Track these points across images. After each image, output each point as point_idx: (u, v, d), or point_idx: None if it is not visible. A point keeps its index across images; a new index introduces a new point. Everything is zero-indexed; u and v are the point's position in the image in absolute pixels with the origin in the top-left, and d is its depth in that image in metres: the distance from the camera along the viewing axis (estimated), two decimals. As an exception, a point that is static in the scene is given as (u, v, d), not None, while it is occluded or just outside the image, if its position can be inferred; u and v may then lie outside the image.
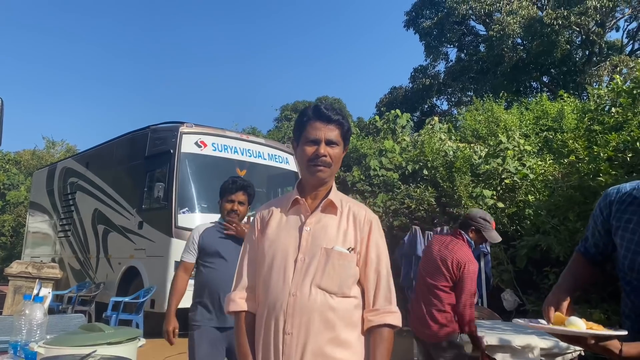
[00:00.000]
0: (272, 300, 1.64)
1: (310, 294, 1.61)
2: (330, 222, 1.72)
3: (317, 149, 1.67)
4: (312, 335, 1.60)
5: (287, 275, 1.65)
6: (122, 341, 2.15)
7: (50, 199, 11.55)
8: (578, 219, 6.31)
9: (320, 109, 1.71)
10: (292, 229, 1.72)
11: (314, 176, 1.70)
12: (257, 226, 1.79)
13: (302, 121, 1.72)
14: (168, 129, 8.25)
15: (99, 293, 8.58)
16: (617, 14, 20.20)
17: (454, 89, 23.59)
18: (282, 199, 1.83)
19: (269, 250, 1.71)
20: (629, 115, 6.43)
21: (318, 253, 1.65)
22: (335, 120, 1.70)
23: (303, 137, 1.71)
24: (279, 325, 1.61)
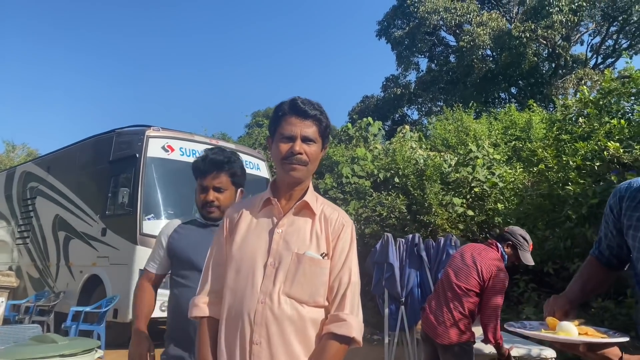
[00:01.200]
0: (239, 307, 1.51)
1: (280, 302, 1.49)
2: (304, 225, 1.59)
3: (292, 146, 1.55)
4: (282, 346, 1.48)
5: (255, 281, 1.52)
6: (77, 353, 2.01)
7: (8, 204, 11.09)
8: (547, 227, 6.37)
9: (296, 102, 1.58)
10: (262, 231, 1.59)
11: (288, 175, 1.57)
12: (225, 227, 1.66)
13: (277, 116, 1.60)
14: (134, 133, 8.01)
15: (59, 302, 8.23)
16: (581, 28, 20.88)
17: (424, 98, 23.93)
18: (253, 199, 1.69)
19: (237, 254, 1.58)
20: (596, 125, 6.54)
21: (288, 258, 1.53)
22: (312, 115, 1.57)
23: (278, 133, 1.58)
24: (245, 334, 1.48)
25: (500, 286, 3.36)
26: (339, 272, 1.57)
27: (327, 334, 1.50)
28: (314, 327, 1.52)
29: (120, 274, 7.24)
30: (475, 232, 8.16)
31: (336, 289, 1.55)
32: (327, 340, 1.50)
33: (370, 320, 9.36)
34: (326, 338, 1.50)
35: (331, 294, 1.56)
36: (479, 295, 3.40)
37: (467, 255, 3.54)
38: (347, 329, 1.50)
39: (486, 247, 3.57)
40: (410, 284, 6.23)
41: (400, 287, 6.20)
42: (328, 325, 1.51)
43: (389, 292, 6.32)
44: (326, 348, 1.49)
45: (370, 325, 9.06)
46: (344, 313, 1.52)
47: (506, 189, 8.15)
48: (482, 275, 3.37)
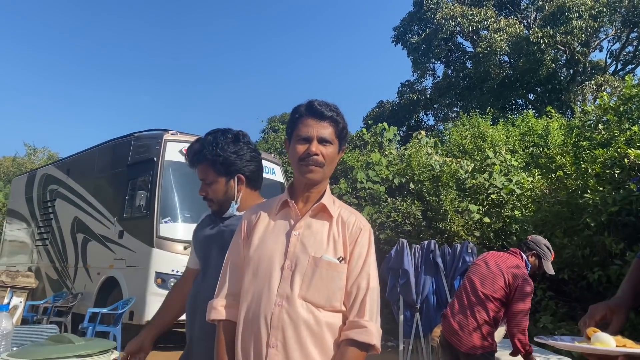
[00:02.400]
0: (256, 310, 1.50)
1: (296, 305, 1.48)
2: (321, 228, 1.58)
3: (309, 147, 1.56)
4: (298, 349, 1.46)
5: (272, 283, 1.51)
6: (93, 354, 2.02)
7: (28, 206, 11.27)
8: (565, 235, 6.28)
9: (313, 104, 1.59)
10: (280, 233, 1.59)
11: (305, 176, 1.57)
12: (243, 229, 1.66)
13: (294, 118, 1.62)
14: (152, 137, 8.10)
15: (76, 304, 8.33)
16: (601, 34, 20.61)
17: (440, 104, 23.81)
18: (271, 202, 1.70)
19: (254, 256, 1.57)
20: (616, 131, 6.45)
21: (305, 261, 1.52)
22: (329, 117, 1.58)
23: (295, 135, 1.59)
24: (261, 338, 1.47)
25: (527, 294, 3.32)
26: (357, 277, 1.55)
27: (346, 340, 1.49)
28: (331, 332, 1.51)
29: (137, 276, 7.30)
30: (491, 240, 8.07)
31: (354, 295, 1.54)
32: (346, 346, 1.48)
33: (384, 326, 9.28)
34: (345, 344, 1.49)
35: (349, 299, 1.54)
36: (504, 304, 3.37)
37: (491, 262, 3.51)
38: (367, 336, 1.49)
39: (509, 255, 3.55)
40: (425, 291, 6.19)
41: (416, 294, 6.16)
42: (348, 332, 1.50)
43: (404, 298, 6.28)
44: (346, 355, 1.47)
45: (384, 332, 9.00)
46: (364, 319, 1.51)
47: (523, 196, 8.06)
48: (509, 283, 3.35)
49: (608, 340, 1.26)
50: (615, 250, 5.39)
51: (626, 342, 1.25)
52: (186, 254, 7.14)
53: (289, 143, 1.64)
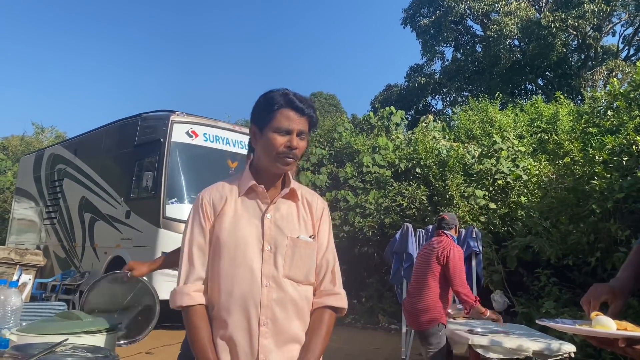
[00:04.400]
0: (242, 292, 1.55)
1: (282, 284, 1.59)
2: (290, 210, 1.68)
3: (290, 140, 1.60)
4: (286, 324, 1.58)
5: (254, 265, 1.58)
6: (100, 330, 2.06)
7: (37, 185, 11.36)
8: (570, 221, 6.27)
9: (293, 99, 1.62)
10: (251, 217, 1.63)
11: (281, 168, 1.64)
12: (206, 211, 1.64)
13: (272, 108, 1.62)
14: (159, 118, 8.11)
15: (84, 282, 8.44)
16: (614, 18, 20.29)
17: (449, 88, 23.62)
18: (230, 184, 1.70)
19: (229, 240, 1.59)
20: (625, 118, 6.39)
21: (284, 242, 1.61)
22: (307, 113, 1.64)
23: (272, 126, 1.61)
24: (251, 317, 1.54)
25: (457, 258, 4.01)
26: (324, 252, 1.70)
27: (324, 307, 1.65)
28: (308, 304, 1.64)
29: (143, 256, 7.36)
30: (497, 225, 8.07)
31: (325, 267, 1.69)
32: (324, 312, 1.65)
33: (388, 309, 9.38)
34: (322, 310, 1.65)
35: (320, 271, 1.68)
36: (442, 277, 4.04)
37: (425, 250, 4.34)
38: (342, 302, 1.68)
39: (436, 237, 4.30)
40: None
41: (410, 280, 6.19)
42: (324, 298, 1.66)
43: (408, 282, 6.31)
44: (324, 319, 1.63)
45: (388, 315, 9.08)
46: (336, 288, 1.69)
47: (530, 182, 8.02)
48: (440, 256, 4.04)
49: (609, 323, 1.26)
50: (621, 237, 5.37)
51: (627, 326, 1.25)
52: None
53: (258, 130, 1.65)
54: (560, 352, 3.60)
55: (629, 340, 1.21)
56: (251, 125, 1.69)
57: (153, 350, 5.84)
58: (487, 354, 3.53)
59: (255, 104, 1.69)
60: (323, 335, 1.62)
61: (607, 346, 1.28)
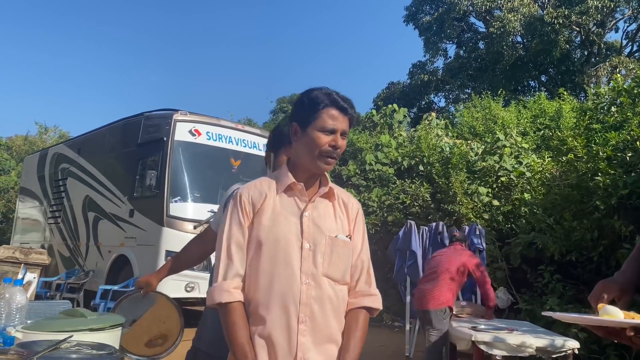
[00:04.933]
0: (281, 290, 1.56)
1: (321, 282, 1.60)
2: (327, 209, 1.69)
3: (335, 140, 1.61)
4: (324, 323, 1.58)
5: (294, 263, 1.58)
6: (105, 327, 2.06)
7: (40, 184, 11.40)
8: (574, 218, 6.25)
9: (337, 99, 1.63)
10: (289, 215, 1.63)
11: (323, 167, 1.64)
12: (245, 208, 1.64)
13: (317, 107, 1.62)
14: (162, 116, 8.12)
15: (88, 281, 8.47)
16: (617, 14, 20.19)
17: (452, 85, 23.56)
18: (269, 181, 1.70)
19: (268, 237, 1.59)
20: (629, 114, 6.36)
21: (323, 241, 1.62)
22: (349, 113, 1.65)
23: (316, 124, 1.61)
24: (291, 315, 1.55)
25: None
26: (359, 252, 1.71)
27: (360, 307, 1.66)
28: (343, 304, 1.65)
29: (147, 254, 7.39)
30: (500, 222, 8.05)
31: (360, 267, 1.70)
32: (360, 312, 1.66)
33: (391, 307, 9.37)
34: (358, 311, 1.66)
35: (355, 271, 1.69)
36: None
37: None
38: (378, 303, 1.70)
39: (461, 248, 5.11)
40: (432, 272, 6.23)
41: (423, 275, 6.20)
42: (361, 299, 1.67)
43: (411, 279, 6.32)
44: (361, 319, 1.65)
45: (391, 312, 9.08)
46: (372, 288, 1.71)
47: (533, 179, 8.00)
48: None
49: (616, 312, 1.26)
50: (625, 234, 5.36)
51: (634, 316, 1.25)
52: (196, 233, 7.20)
53: (301, 129, 1.64)
54: (564, 348, 3.61)
55: (637, 329, 1.20)
56: (292, 123, 1.68)
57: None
58: (490, 350, 3.53)
59: (297, 102, 1.70)
60: (360, 336, 1.63)
61: (614, 336, 1.27)
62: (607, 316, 1.26)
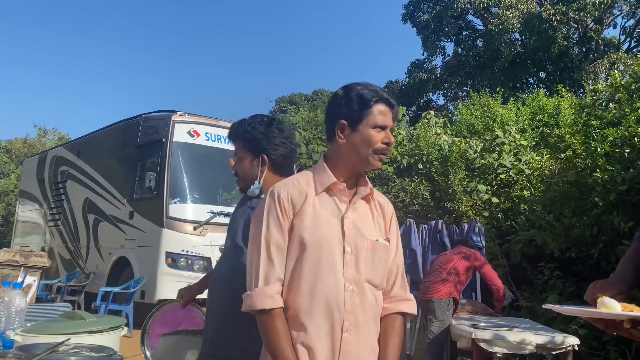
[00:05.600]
0: (325, 297, 1.47)
1: (364, 288, 1.53)
2: (365, 211, 1.62)
3: (387, 136, 1.56)
4: (366, 331, 1.52)
5: (337, 268, 1.49)
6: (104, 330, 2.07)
7: (40, 187, 11.41)
8: (573, 214, 6.25)
9: (384, 94, 1.58)
10: (330, 216, 1.54)
11: (376, 165, 1.57)
12: (284, 208, 1.52)
13: (368, 103, 1.55)
14: (160, 118, 8.13)
15: (89, 283, 8.48)
16: (615, 10, 20.19)
17: (450, 84, 23.58)
18: (307, 178, 1.59)
19: (310, 240, 1.49)
20: (627, 110, 6.35)
21: (364, 245, 1.54)
22: (396, 108, 1.61)
23: (368, 120, 1.54)
24: (335, 323, 1.47)
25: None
26: (395, 256, 1.66)
27: (398, 312, 1.61)
28: (380, 310, 1.60)
29: (148, 256, 7.40)
30: (500, 220, 8.06)
31: (395, 272, 1.64)
32: (397, 318, 1.61)
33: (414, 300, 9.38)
34: (396, 316, 1.61)
35: (391, 276, 1.64)
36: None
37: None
38: (413, 308, 1.66)
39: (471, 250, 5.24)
40: (432, 270, 6.25)
41: (423, 273, 6.21)
42: (397, 304, 1.62)
43: (411, 277, 6.33)
44: (397, 325, 1.61)
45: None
46: (407, 293, 1.67)
47: (533, 176, 8.00)
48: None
49: (614, 305, 1.26)
50: (624, 229, 5.36)
51: (633, 308, 1.25)
52: (196, 234, 7.22)
53: (350, 127, 1.55)
54: (564, 345, 3.61)
55: (635, 321, 1.21)
56: (337, 121, 1.57)
57: (158, 349, 5.86)
58: (491, 348, 3.53)
59: (340, 99, 1.59)
60: (398, 343, 1.58)
61: (613, 329, 1.28)
62: (605, 308, 1.26)
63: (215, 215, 7.25)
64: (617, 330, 1.27)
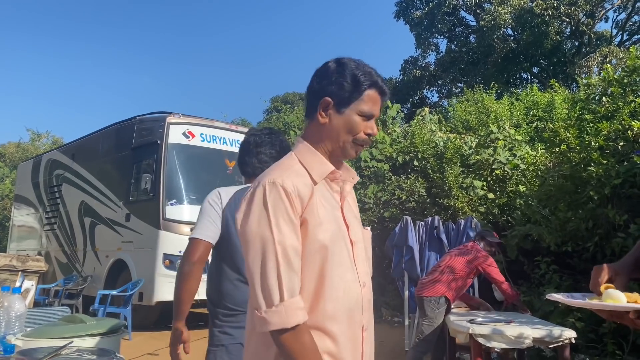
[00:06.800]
0: (347, 296, 1.34)
1: (370, 282, 1.44)
2: (350, 198, 1.50)
3: (371, 126, 1.40)
4: (372, 326, 1.46)
5: (349, 265, 1.37)
6: (104, 332, 2.08)
7: (35, 191, 11.37)
8: (569, 208, 6.28)
9: (378, 79, 1.41)
10: (332, 209, 1.38)
11: (351, 155, 1.42)
12: (293, 203, 1.28)
13: (361, 86, 1.37)
14: (155, 120, 8.13)
15: (86, 286, 8.47)
16: (606, 4, 20.28)
17: (444, 80, 23.63)
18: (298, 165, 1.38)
19: (326, 237, 1.32)
20: (620, 104, 6.39)
21: (362, 235, 1.45)
22: (386, 97, 1.44)
23: (357, 105, 1.37)
24: (356, 323, 1.36)
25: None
26: None
27: None
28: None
29: (145, 258, 7.40)
30: (496, 215, 8.09)
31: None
32: None
33: (390, 302, 9.41)
34: None
35: None
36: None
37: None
38: None
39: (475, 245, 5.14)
40: (430, 267, 6.26)
41: (420, 270, 6.23)
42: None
43: (409, 274, 6.35)
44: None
45: (390, 308, 9.11)
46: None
47: (528, 171, 8.04)
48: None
49: (619, 296, 1.26)
50: (619, 223, 5.39)
51: (637, 298, 1.25)
52: (193, 235, 7.21)
53: (334, 107, 1.38)
54: (561, 338, 3.63)
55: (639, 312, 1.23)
56: (322, 97, 1.38)
57: (158, 351, 5.87)
58: (488, 343, 3.55)
59: (331, 74, 1.40)
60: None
61: (618, 319, 1.29)
62: (610, 300, 1.26)
63: (212, 216, 7.24)
64: (621, 320, 1.28)
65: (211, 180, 7.89)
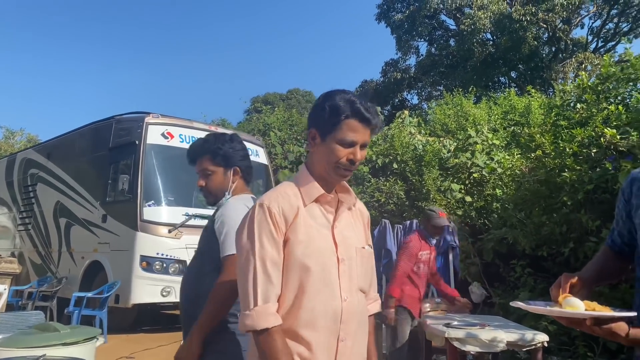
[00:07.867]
0: (324, 308, 1.48)
1: (357, 297, 1.57)
2: (349, 218, 1.64)
3: (353, 153, 1.51)
4: (358, 338, 1.57)
5: (332, 279, 1.50)
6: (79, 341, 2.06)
7: (9, 191, 11.14)
8: (543, 212, 6.41)
9: (360, 109, 1.50)
10: (321, 227, 1.54)
11: (337, 180, 1.56)
12: (276, 222, 1.48)
13: (338, 117, 1.50)
14: (133, 120, 8.03)
15: (61, 288, 8.31)
16: (582, 11, 20.71)
17: (424, 83, 23.86)
18: (293, 189, 1.56)
19: (305, 252, 1.48)
20: (594, 111, 6.54)
21: (354, 254, 1.57)
22: (374, 124, 1.53)
23: (336, 136, 1.50)
24: (331, 334, 1.49)
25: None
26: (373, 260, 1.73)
27: (371, 315, 1.70)
28: (366, 314, 1.66)
29: (122, 260, 7.31)
30: (473, 218, 8.20)
31: (370, 275, 1.69)
32: (371, 318, 1.71)
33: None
34: (371, 318, 1.70)
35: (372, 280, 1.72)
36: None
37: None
38: (380, 306, 1.78)
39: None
40: (407, 270, 6.31)
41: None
42: (372, 306, 1.72)
43: (387, 278, 6.39)
44: (371, 325, 1.70)
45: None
46: (376, 294, 1.75)
47: (504, 175, 8.18)
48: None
49: (578, 304, 1.34)
50: (592, 227, 5.52)
51: (595, 306, 1.33)
52: (171, 237, 7.16)
53: (320, 138, 1.53)
54: (534, 342, 3.70)
55: (596, 320, 1.30)
56: (310, 128, 1.56)
57: (134, 354, 5.81)
58: (463, 346, 3.61)
59: (316, 107, 1.56)
60: (374, 341, 1.67)
61: (576, 325, 1.35)
62: (570, 308, 1.35)
63: (191, 218, 7.20)
64: (580, 327, 1.34)
65: (190, 182, 7.81)
